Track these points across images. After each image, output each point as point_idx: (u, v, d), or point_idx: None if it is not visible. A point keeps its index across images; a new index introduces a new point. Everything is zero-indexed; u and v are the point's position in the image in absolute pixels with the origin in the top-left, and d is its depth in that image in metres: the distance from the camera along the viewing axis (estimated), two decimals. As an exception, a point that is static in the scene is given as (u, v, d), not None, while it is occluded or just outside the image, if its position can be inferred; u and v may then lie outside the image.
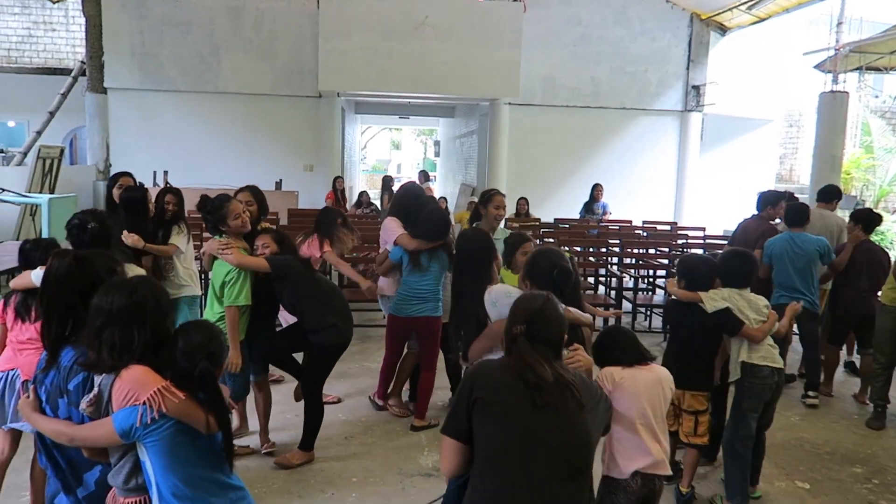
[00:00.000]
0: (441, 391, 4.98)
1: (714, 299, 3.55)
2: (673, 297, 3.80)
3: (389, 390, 4.91)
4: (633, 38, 13.07)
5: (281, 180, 11.99)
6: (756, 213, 5.88)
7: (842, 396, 5.58)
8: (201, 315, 4.81)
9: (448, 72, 11.79)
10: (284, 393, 4.73)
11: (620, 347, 2.66)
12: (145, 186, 4.81)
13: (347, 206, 12.60)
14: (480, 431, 1.91)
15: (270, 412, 4.28)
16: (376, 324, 6.92)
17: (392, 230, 4.64)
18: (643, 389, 2.56)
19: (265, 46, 12.49)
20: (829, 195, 5.97)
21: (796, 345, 5.99)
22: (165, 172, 11.46)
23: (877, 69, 9.63)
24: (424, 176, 14.41)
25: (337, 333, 3.96)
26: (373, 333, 6.84)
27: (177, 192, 4.79)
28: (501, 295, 2.69)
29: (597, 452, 2.06)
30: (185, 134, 12.51)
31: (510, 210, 11.44)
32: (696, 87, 13.15)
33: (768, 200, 5.76)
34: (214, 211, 3.95)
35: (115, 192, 4.67)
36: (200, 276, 5.30)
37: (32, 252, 3.11)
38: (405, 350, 4.87)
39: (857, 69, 9.57)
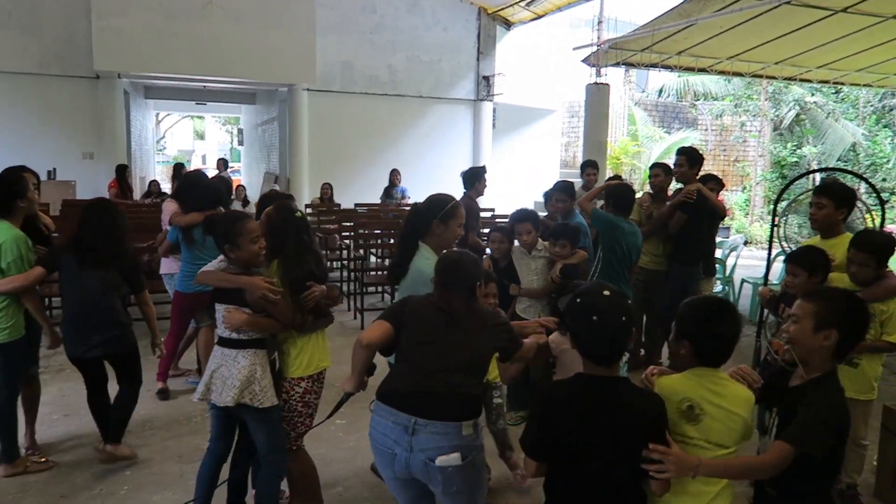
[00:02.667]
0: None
1: None
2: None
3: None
4: (426, 28, 13.56)
5: (55, 169, 10.89)
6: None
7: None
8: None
9: (241, 55, 11.42)
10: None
11: None
12: None
13: (135, 195, 11.76)
14: (406, 330, 2.44)
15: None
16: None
17: (167, 210, 4.72)
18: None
19: (29, 20, 11.18)
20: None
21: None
22: None
23: (632, 65, 10.90)
24: (224, 164, 13.87)
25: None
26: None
27: None
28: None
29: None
30: (-69, 116, 10.87)
31: (315, 194, 11.45)
32: (487, 78, 13.98)
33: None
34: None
35: None
36: None
37: None
38: (191, 328, 4.91)
39: (616, 64, 10.75)
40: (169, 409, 4.70)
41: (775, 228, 6.71)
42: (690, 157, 5.36)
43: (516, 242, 4.62)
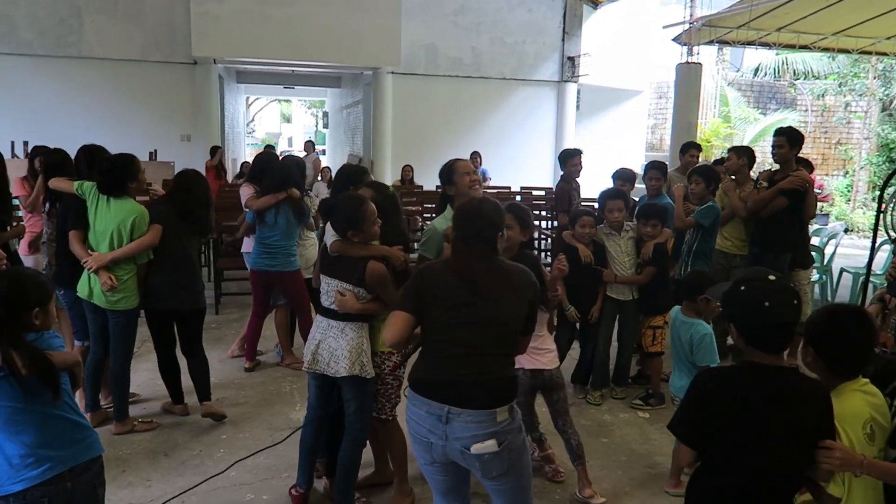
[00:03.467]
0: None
1: None
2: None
3: (281, 351, 5.21)
4: (510, 9, 13.41)
5: (156, 150, 11.50)
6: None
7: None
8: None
9: (328, 39, 11.67)
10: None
11: None
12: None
13: (228, 177, 12.30)
14: (429, 311, 2.27)
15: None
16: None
17: (244, 194, 4.90)
18: None
19: (132, 9, 11.83)
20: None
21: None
22: (25, 143, 10.70)
23: (727, 43, 10.42)
24: (311, 146, 14.25)
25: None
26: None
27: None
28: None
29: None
30: (47, 102, 11.69)
31: (396, 176, 11.61)
32: (572, 59, 13.71)
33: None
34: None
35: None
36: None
37: None
38: (272, 307, 5.10)
39: (709, 42, 10.30)
40: (257, 380, 4.93)
41: (881, 215, 6.31)
42: (791, 138, 5.07)
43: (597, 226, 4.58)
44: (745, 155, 5.38)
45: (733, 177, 5.41)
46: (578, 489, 3.42)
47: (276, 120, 44.60)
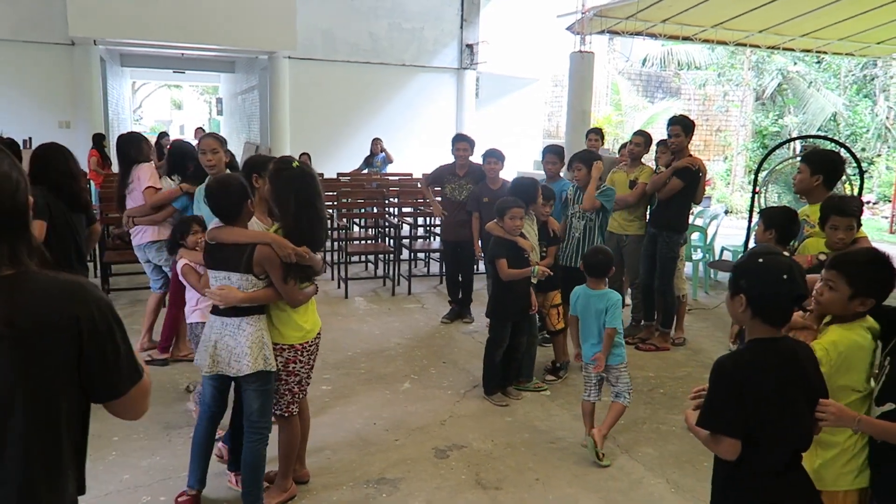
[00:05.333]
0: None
1: None
2: None
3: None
4: (408, -5, 13.35)
5: (31, 138, 10.65)
6: None
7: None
8: None
9: (220, 22, 11.19)
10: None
11: None
12: None
13: (114, 166, 11.57)
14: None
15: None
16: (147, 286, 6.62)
17: (154, 183, 4.79)
18: None
19: (0, -16, 10.87)
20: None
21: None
22: None
23: (617, 33, 10.83)
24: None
25: None
26: (143, 296, 6.53)
27: None
28: None
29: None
30: None
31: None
32: (470, 46, 13.84)
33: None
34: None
35: None
36: None
37: None
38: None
39: (600, 32, 10.67)
40: (153, 376, 4.70)
41: (755, 197, 6.81)
42: (685, 126, 5.39)
43: None
44: (643, 138, 5.74)
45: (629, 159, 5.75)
46: None
47: (166, 106, 42.34)
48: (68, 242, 3.79)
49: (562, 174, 5.65)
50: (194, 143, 6.09)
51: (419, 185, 10.02)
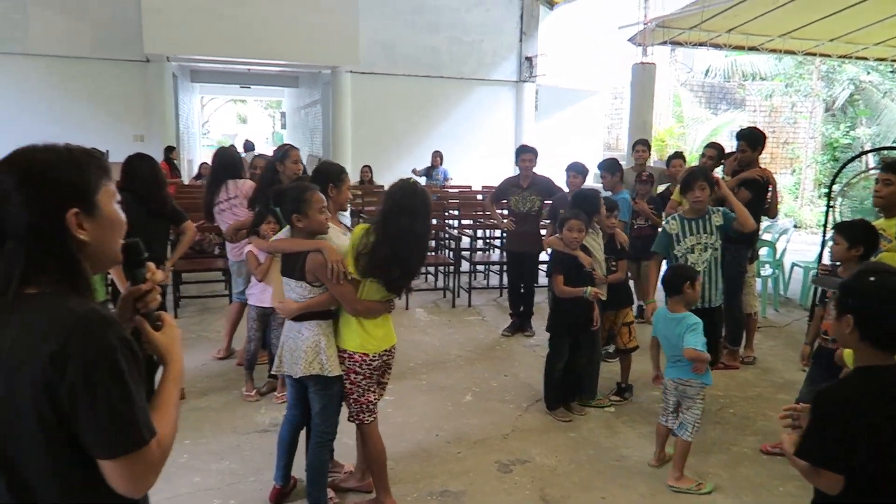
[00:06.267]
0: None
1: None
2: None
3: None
4: (468, 9, 13.46)
5: (108, 151, 11.14)
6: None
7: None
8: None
9: (285, 38, 11.52)
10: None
11: None
12: None
13: (184, 177, 12.03)
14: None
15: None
16: (217, 294, 6.84)
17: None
18: None
19: (80, 3, 11.47)
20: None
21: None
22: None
23: (679, 44, 10.65)
24: (250, 146, 14.21)
25: None
26: (212, 304, 6.76)
27: None
28: None
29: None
30: (-10, 100, 11.28)
31: (355, 177, 11.53)
32: (529, 59, 13.83)
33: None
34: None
35: None
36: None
37: None
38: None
39: (662, 43, 10.51)
40: (219, 382, 4.83)
41: (829, 211, 6.54)
42: (751, 141, 5.23)
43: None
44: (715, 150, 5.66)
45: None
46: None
47: (232, 121, 43.79)
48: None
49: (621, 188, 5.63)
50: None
51: (479, 198, 10.08)
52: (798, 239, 11.59)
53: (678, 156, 6.56)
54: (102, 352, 1.14)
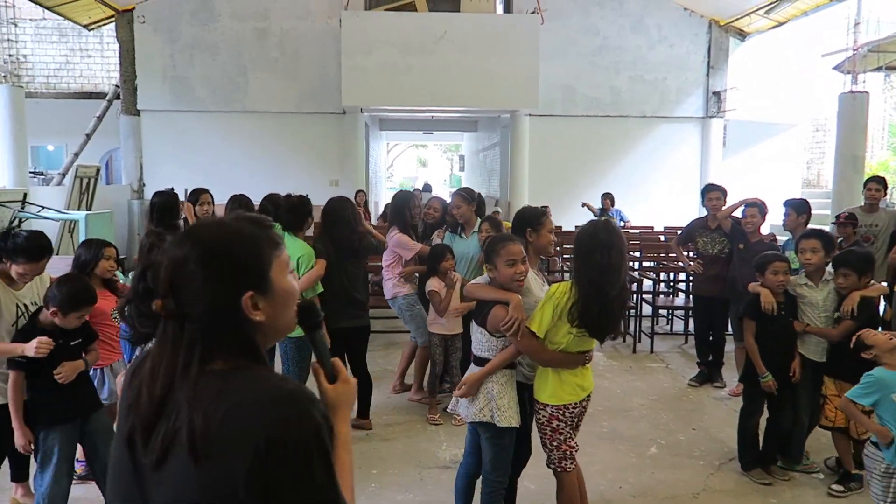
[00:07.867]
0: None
1: None
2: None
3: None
4: (651, 47, 13.15)
5: (307, 195, 12.26)
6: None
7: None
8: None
9: (467, 85, 11.99)
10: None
11: None
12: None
13: (372, 219, 12.86)
14: None
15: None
16: (399, 329, 7.13)
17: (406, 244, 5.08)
18: None
19: (290, 66, 12.87)
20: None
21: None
22: (186, 190, 11.82)
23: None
24: (427, 188, 14.76)
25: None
26: (397, 339, 7.05)
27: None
28: None
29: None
30: (215, 152, 12.91)
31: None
32: (717, 93, 13.15)
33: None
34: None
35: (197, 209, 5.35)
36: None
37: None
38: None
39: (877, 69, 9.51)
40: (403, 417, 5.01)
41: None
42: None
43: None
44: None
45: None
46: None
47: (413, 164, 46.35)
48: (337, 287, 4.35)
49: None
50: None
51: (662, 240, 9.67)
52: None
53: (877, 180, 5.86)
54: (313, 432, 1.11)
